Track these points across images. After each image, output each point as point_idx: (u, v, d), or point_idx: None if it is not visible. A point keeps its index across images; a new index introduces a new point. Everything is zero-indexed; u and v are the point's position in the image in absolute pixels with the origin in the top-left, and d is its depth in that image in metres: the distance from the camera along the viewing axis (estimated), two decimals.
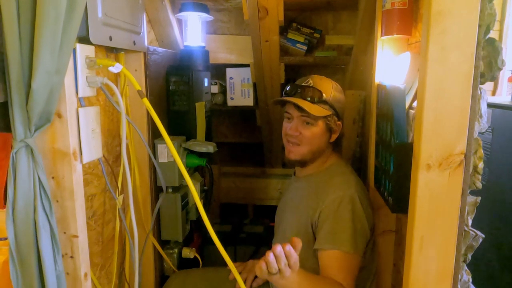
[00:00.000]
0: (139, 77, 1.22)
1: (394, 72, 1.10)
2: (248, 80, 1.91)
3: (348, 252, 1.05)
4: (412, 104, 0.96)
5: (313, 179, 1.21)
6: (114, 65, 0.84)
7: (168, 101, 1.40)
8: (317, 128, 1.17)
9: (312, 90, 1.16)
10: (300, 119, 1.18)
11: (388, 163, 1.02)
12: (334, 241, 1.06)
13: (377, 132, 1.18)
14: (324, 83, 1.19)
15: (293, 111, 1.18)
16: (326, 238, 1.08)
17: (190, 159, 1.32)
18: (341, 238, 1.06)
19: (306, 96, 1.16)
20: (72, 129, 0.82)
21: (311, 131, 1.17)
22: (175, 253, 1.38)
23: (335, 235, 1.07)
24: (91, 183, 1.06)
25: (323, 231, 1.10)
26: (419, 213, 0.78)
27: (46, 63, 0.71)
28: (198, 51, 1.50)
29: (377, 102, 1.17)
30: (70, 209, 0.84)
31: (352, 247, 1.05)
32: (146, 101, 0.86)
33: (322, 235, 1.09)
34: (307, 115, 1.15)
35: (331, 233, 1.08)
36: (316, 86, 1.17)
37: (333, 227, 1.08)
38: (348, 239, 1.06)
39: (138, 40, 1.14)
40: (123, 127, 0.89)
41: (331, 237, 1.07)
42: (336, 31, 1.82)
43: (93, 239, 1.09)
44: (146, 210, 1.28)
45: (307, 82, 1.20)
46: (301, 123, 1.18)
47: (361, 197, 1.11)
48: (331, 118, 1.17)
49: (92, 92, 0.88)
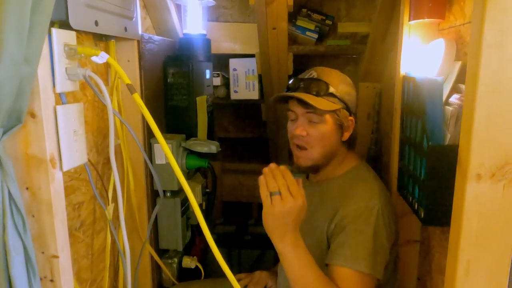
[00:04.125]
0: (132, 69, 1.08)
1: (424, 62, 0.96)
2: (253, 71, 1.77)
3: (363, 272, 0.90)
4: (449, 100, 0.82)
5: (330, 185, 1.08)
6: (98, 54, 0.70)
7: (166, 96, 1.27)
8: (326, 126, 1.02)
9: (316, 82, 1.02)
10: (306, 116, 1.03)
11: (418, 167, 0.89)
12: (348, 258, 0.92)
13: (402, 130, 1.04)
14: (329, 75, 1.05)
15: (297, 108, 1.04)
16: (339, 253, 0.94)
17: (191, 160, 1.19)
18: (358, 255, 0.92)
19: (311, 90, 1.01)
20: (49, 131, 0.69)
21: (319, 129, 1.02)
22: (175, 263, 1.25)
23: (350, 251, 0.93)
24: (78, 190, 0.93)
25: (337, 244, 0.96)
26: (466, 232, 0.65)
27: (11, 49, 0.57)
28: (199, 40, 1.36)
29: (402, 96, 1.03)
30: (48, 225, 0.71)
31: (369, 267, 0.91)
32: (137, 97, 0.72)
33: (335, 248, 0.95)
34: (313, 111, 1.01)
35: (346, 248, 0.93)
36: (321, 78, 1.03)
37: (349, 241, 0.94)
38: (365, 258, 0.91)
39: (131, 26, 1.00)
40: (110, 125, 0.76)
41: (345, 252, 0.93)
42: (350, 18, 1.67)
43: (82, 252, 0.97)
44: (142, 217, 1.15)
45: (310, 74, 1.05)
46: (307, 122, 1.03)
47: (385, 210, 0.96)
48: (340, 112, 1.03)
49: (73, 86, 0.74)
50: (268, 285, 1.17)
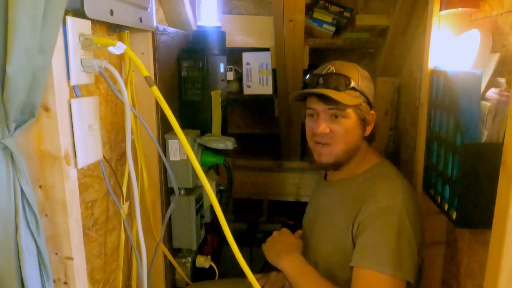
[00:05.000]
0: (146, 61, 1.04)
1: (455, 55, 0.90)
2: (267, 65, 1.72)
3: (386, 274, 0.86)
4: (486, 94, 0.77)
5: (351, 184, 1.03)
6: (116, 44, 0.66)
7: (180, 90, 1.22)
8: (349, 121, 0.98)
9: (336, 77, 0.98)
10: (327, 113, 0.99)
11: (449, 166, 0.84)
12: (371, 259, 0.88)
13: (429, 127, 0.99)
14: (348, 68, 1.01)
15: (318, 105, 0.99)
16: (361, 254, 0.90)
17: (206, 156, 1.15)
18: (380, 255, 0.87)
19: (331, 85, 0.97)
20: (63, 126, 0.65)
21: (343, 125, 0.98)
22: (188, 262, 1.22)
23: (372, 251, 0.88)
24: (91, 187, 0.89)
25: (359, 245, 0.92)
26: (511, 239, 0.60)
27: (24, 38, 0.53)
28: (214, 32, 1.31)
29: (430, 91, 0.98)
30: (62, 225, 0.68)
31: (393, 268, 0.86)
32: (156, 90, 0.68)
33: (357, 250, 0.92)
34: (335, 107, 0.96)
35: (368, 249, 0.89)
36: (340, 72, 0.98)
37: (370, 241, 0.90)
38: (389, 259, 0.86)
39: (146, 17, 0.96)
40: (127, 120, 0.72)
41: (367, 253, 0.89)
42: (368, 10, 1.61)
43: (95, 252, 0.93)
44: (156, 215, 1.11)
45: (328, 69, 1.01)
46: (329, 118, 0.99)
47: (409, 209, 0.92)
48: (362, 106, 0.99)
49: (89, 79, 0.70)
50: (285, 287, 1.13)
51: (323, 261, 1.02)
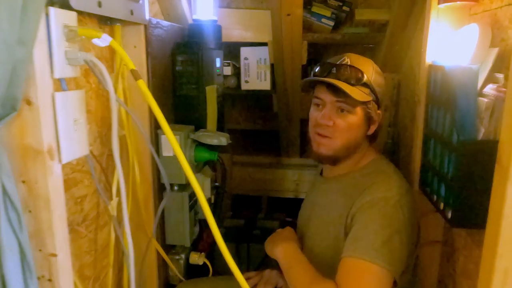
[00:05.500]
0: (139, 55, 1.02)
1: (454, 49, 0.88)
2: (265, 61, 1.69)
3: (374, 263, 0.81)
4: (483, 90, 0.74)
5: (346, 180, 1.01)
6: (100, 36, 0.64)
7: (175, 85, 1.20)
8: (355, 117, 0.96)
9: (350, 70, 0.95)
10: (335, 105, 0.96)
11: (445, 163, 0.82)
12: (359, 247, 0.85)
13: (426, 124, 0.97)
14: (363, 62, 0.98)
15: (326, 95, 0.96)
16: (350, 243, 0.87)
17: (200, 152, 1.13)
18: (368, 245, 0.84)
19: (343, 77, 0.94)
20: (46, 120, 0.63)
21: (348, 120, 0.96)
22: (182, 259, 1.20)
23: (361, 240, 0.86)
24: (80, 183, 0.88)
25: (349, 236, 0.89)
26: (505, 238, 0.58)
27: (2, 30, 0.52)
28: (210, 26, 1.29)
29: (428, 87, 0.96)
30: (46, 221, 0.66)
31: (382, 259, 0.82)
32: (142, 84, 0.66)
33: (347, 241, 0.89)
34: (344, 100, 0.94)
35: (358, 239, 0.87)
36: (355, 65, 0.95)
37: (361, 231, 0.87)
38: (376, 248, 0.83)
39: (137, 9, 0.94)
40: (113, 114, 0.70)
41: (356, 242, 0.86)
42: (368, 4, 1.58)
43: (84, 248, 0.92)
44: (148, 211, 1.10)
45: (343, 60, 0.98)
46: (335, 110, 0.96)
47: (405, 204, 0.89)
48: (371, 105, 0.96)
49: (74, 72, 0.69)
50: (278, 285, 1.11)
51: (317, 258, 1.01)
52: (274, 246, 1.03)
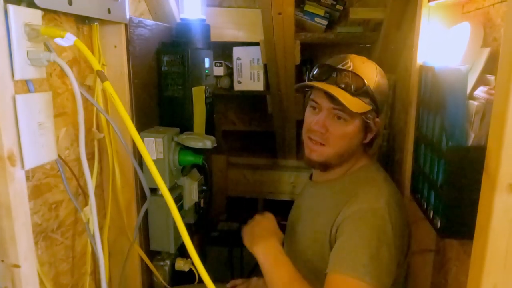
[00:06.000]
0: (119, 55, 0.98)
1: (445, 49, 0.84)
2: (258, 61, 1.65)
3: (362, 280, 0.77)
4: (474, 93, 0.70)
5: (335, 186, 0.97)
6: (64, 36, 0.60)
7: (160, 86, 1.17)
8: (352, 127, 0.91)
9: (352, 77, 0.89)
10: (331, 112, 0.91)
11: (435, 170, 0.78)
12: (346, 262, 0.80)
13: (417, 128, 0.92)
14: (367, 67, 0.92)
15: (323, 100, 0.92)
16: (337, 258, 0.83)
17: (184, 155, 1.10)
18: (357, 260, 0.80)
19: (343, 84, 0.89)
20: (7, 124, 0.60)
21: (343, 129, 0.91)
22: (167, 265, 1.17)
23: (348, 254, 0.81)
24: (55, 188, 0.84)
25: (335, 249, 0.85)
26: (493, 252, 0.54)
27: None
28: (197, 26, 1.25)
29: (419, 88, 0.91)
30: (7, 231, 0.63)
31: (370, 275, 0.78)
32: (109, 86, 0.63)
33: (333, 254, 0.85)
34: (342, 109, 0.89)
35: (345, 252, 0.82)
36: (357, 72, 0.89)
37: (347, 244, 0.83)
38: (365, 264, 0.79)
39: (116, 8, 0.91)
40: (79, 114, 0.67)
41: (343, 257, 0.82)
42: (363, 3, 1.54)
43: (60, 256, 0.89)
44: (131, 217, 1.06)
45: (345, 64, 0.92)
46: (331, 117, 0.92)
47: (393, 215, 0.85)
48: (371, 114, 0.91)
49: (38, 73, 0.65)
50: None
51: (303, 265, 0.97)
52: (254, 243, 0.94)
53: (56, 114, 0.83)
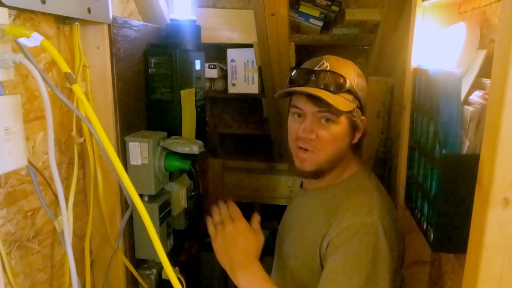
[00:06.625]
0: (102, 57, 0.94)
1: (440, 51, 0.79)
2: (253, 63, 1.62)
3: None
4: (469, 98, 0.66)
5: (326, 194, 0.93)
6: (30, 36, 0.57)
7: (147, 88, 1.13)
8: (340, 127, 0.87)
9: (331, 76, 0.86)
10: (317, 116, 0.87)
11: (428, 179, 0.73)
12: (339, 285, 0.77)
13: (411, 134, 0.88)
14: (343, 66, 0.89)
15: (307, 105, 0.88)
16: (332, 279, 0.78)
17: (171, 161, 1.06)
18: (350, 282, 0.76)
19: (324, 85, 0.86)
20: None
21: (332, 131, 0.87)
22: (153, 274, 1.13)
23: (344, 276, 0.77)
24: (31, 195, 0.81)
25: (329, 267, 0.81)
26: (487, 270, 0.50)
27: None
28: (187, 26, 1.22)
29: (413, 92, 0.87)
30: None
31: None
32: (77, 89, 0.59)
33: (327, 273, 0.80)
34: (327, 110, 0.85)
35: (340, 274, 0.78)
36: (335, 70, 0.87)
37: (342, 265, 0.79)
38: (360, 285, 0.76)
39: (97, 7, 0.87)
40: (48, 116, 0.63)
41: (338, 278, 0.78)
42: (359, 4, 1.50)
43: (37, 265, 0.85)
44: (114, 224, 1.02)
45: (322, 65, 0.89)
46: (317, 121, 0.88)
47: (386, 227, 0.81)
48: (356, 112, 0.88)
49: (5, 74, 0.62)
50: None
51: (291, 276, 0.93)
52: (234, 273, 0.84)
53: (32, 118, 0.80)
